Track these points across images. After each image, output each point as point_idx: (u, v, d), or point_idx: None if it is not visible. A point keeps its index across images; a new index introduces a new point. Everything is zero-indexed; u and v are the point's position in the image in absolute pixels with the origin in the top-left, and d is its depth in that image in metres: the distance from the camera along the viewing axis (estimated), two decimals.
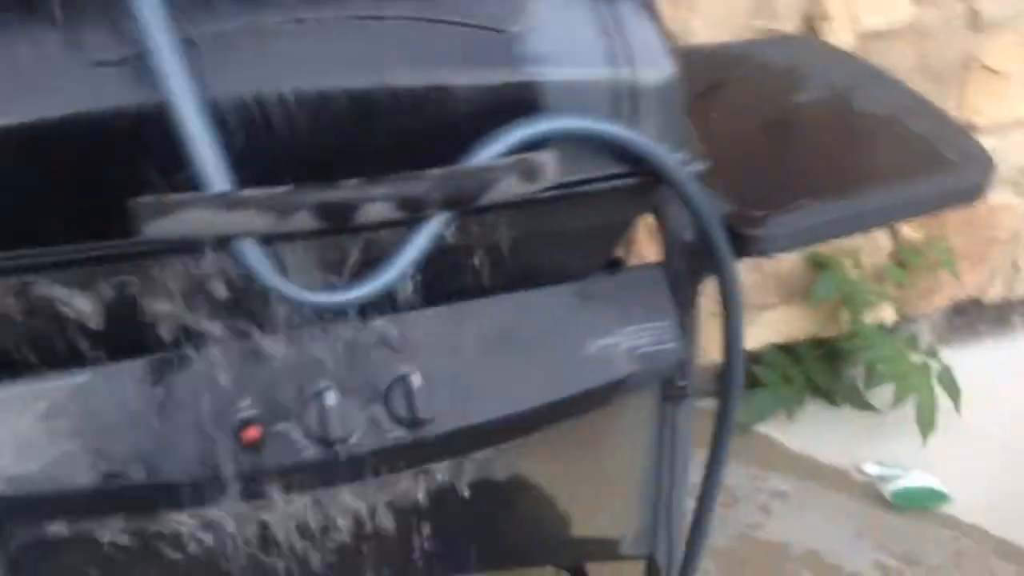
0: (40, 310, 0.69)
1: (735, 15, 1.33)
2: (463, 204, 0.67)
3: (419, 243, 0.68)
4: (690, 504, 1.02)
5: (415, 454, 0.82)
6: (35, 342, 0.72)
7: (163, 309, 0.73)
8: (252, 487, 0.77)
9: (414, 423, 0.79)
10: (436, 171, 0.66)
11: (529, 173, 0.68)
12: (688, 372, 0.93)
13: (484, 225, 0.76)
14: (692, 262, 0.88)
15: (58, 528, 0.79)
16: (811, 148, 0.97)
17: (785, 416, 1.65)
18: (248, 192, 0.63)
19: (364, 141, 0.68)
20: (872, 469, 1.57)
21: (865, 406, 1.68)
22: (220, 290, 0.72)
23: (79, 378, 0.74)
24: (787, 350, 1.67)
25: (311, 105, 0.66)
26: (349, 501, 0.85)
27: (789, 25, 1.36)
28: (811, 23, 1.38)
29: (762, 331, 1.66)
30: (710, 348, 1.61)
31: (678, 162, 0.77)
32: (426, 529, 0.91)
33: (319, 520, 0.86)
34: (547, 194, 0.74)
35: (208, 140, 0.63)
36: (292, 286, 0.65)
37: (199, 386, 0.76)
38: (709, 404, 1.68)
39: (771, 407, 1.64)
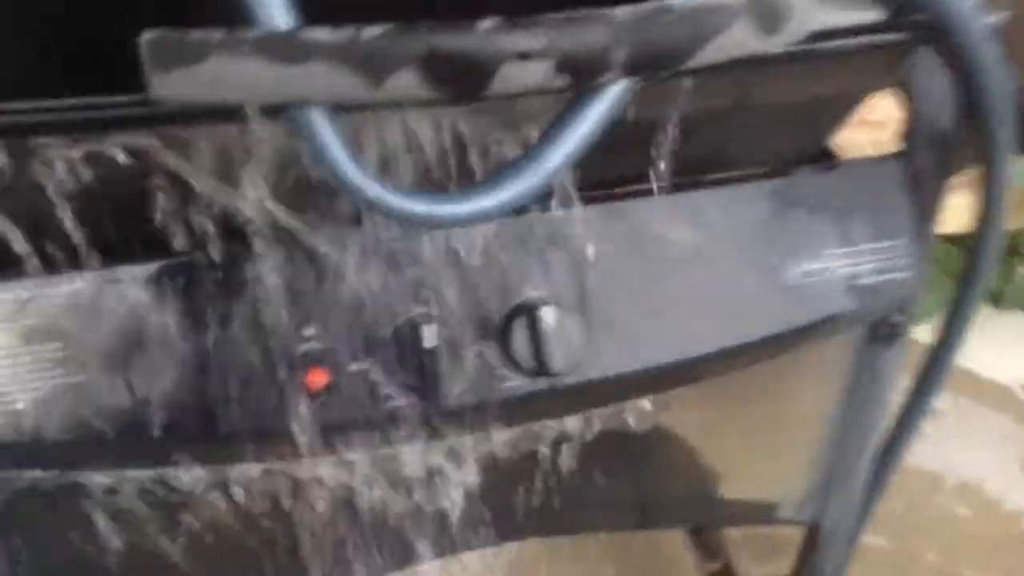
0: (33, 185, 0.47)
1: None
2: (663, 66, 0.42)
3: (579, 135, 0.43)
4: None
5: (539, 408, 0.60)
6: (26, 229, 0.50)
7: (188, 196, 0.50)
8: (317, 446, 0.56)
9: (540, 371, 0.56)
10: (612, 11, 0.40)
11: (768, 16, 0.42)
12: (909, 305, 0.68)
13: (669, 93, 0.51)
14: (943, 156, 0.62)
15: (49, 480, 0.59)
16: None
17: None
18: (320, 33, 0.38)
19: None
20: None
21: None
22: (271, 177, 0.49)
23: (73, 283, 0.53)
24: (954, 242, 1.39)
25: None
26: (453, 456, 0.65)
27: None
28: None
29: None
30: None
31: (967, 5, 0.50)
32: (553, 483, 0.70)
33: (408, 474, 0.65)
34: (798, 48, 0.49)
35: None
36: (382, 187, 0.41)
37: (243, 302, 0.54)
38: None
39: (930, 307, 1.38)
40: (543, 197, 0.54)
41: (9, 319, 0.52)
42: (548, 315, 0.54)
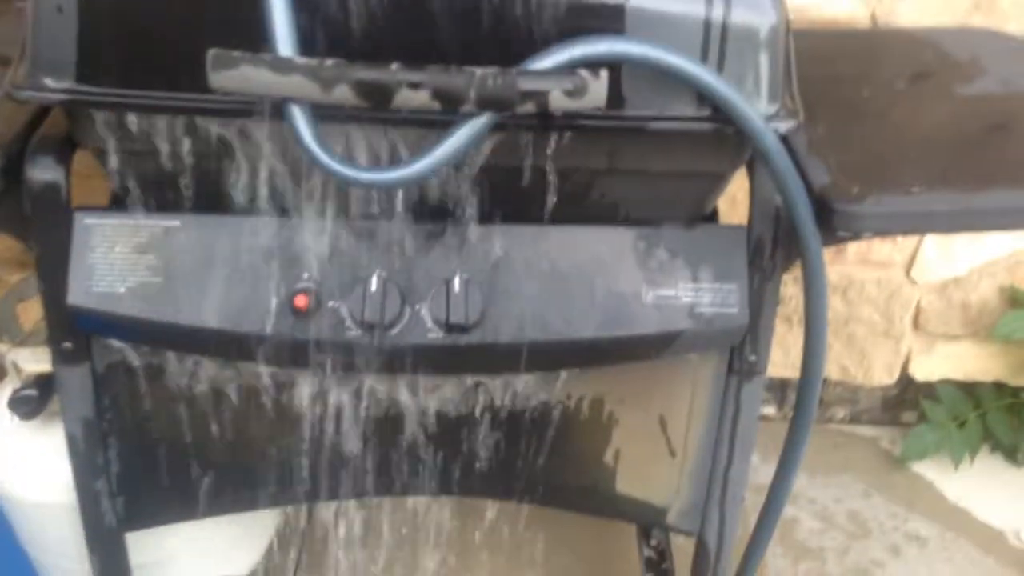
0: (142, 151, 0.79)
1: (949, 7, 1.22)
2: (501, 106, 0.68)
3: (455, 141, 0.69)
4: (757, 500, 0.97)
5: (454, 361, 0.84)
6: (139, 181, 0.82)
7: (246, 172, 0.80)
8: (300, 354, 0.83)
9: (451, 327, 0.81)
10: (477, 69, 0.67)
11: (574, 89, 0.68)
12: (760, 347, 0.88)
13: (551, 146, 0.77)
14: (778, 230, 0.83)
15: (137, 354, 0.89)
16: (953, 140, 0.88)
17: (949, 461, 1.50)
18: (299, 59, 0.67)
19: (436, 40, 0.71)
20: None
21: None
22: (293, 167, 0.78)
23: (172, 222, 0.83)
24: (966, 390, 1.51)
25: None
26: (390, 395, 0.90)
27: (1015, 26, 1.22)
28: None
29: (940, 363, 1.51)
30: (875, 372, 1.51)
31: (758, 113, 0.73)
32: (463, 444, 0.93)
33: (360, 407, 0.91)
34: (615, 123, 0.74)
35: (284, 13, 0.68)
36: (329, 156, 0.69)
37: (269, 252, 0.83)
38: (871, 431, 1.58)
39: (933, 448, 1.50)
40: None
41: (128, 236, 0.83)
42: (456, 284, 0.80)
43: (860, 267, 1.41)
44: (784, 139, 0.76)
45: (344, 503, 1.11)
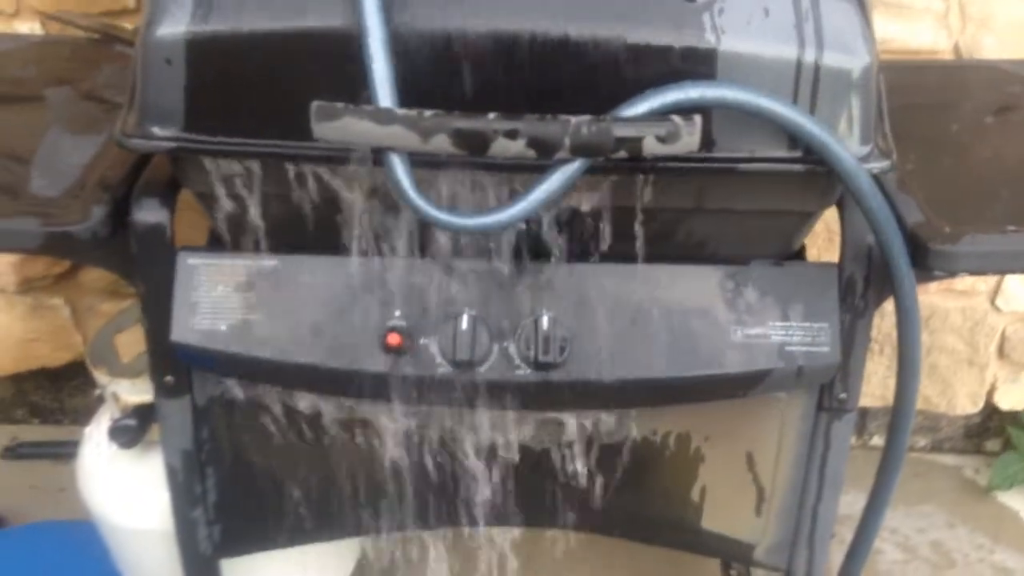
0: (244, 195, 0.81)
1: None
2: (595, 153, 0.69)
3: (549, 186, 0.71)
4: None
5: (542, 397, 0.85)
6: (241, 222, 0.84)
7: (343, 215, 0.82)
8: (391, 389, 0.85)
9: (538, 365, 0.82)
10: (572, 117, 0.68)
11: (667, 135, 0.69)
12: (851, 385, 0.87)
13: (643, 187, 0.78)
14: (870, 268, 0.83)
15: (235, 388, 0.92)
16: None
17: None
18: (399, 110, 0.69)
19: (534, 87, 0.72)
20: None
21: None
22: (388, 210, 0.81)
23: (272, 262, 0.86)
24: None
25: (488, 46, 0.71)
26: (477, 429, 0.91)
27: None
28: None
29: None
30: (959, 401, 1.48)
31: (850, 153, 0.73)
32: (549, 477, 0.94)
33: (447, 441, 0.92)
34: (706, 165, 0.75)
35: (384, 65, 0.70)
36: (424, 202, 0.71)
37: (363, 290, 0.85)
38: (953, 460, 1.55)
39: (1021, 477, 1.47)
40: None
41: (229, 275, 0.86)
42: (544, 323, 0.81)
43: (943, 296, 1.39)
44: (875, 177, 0.76)
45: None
